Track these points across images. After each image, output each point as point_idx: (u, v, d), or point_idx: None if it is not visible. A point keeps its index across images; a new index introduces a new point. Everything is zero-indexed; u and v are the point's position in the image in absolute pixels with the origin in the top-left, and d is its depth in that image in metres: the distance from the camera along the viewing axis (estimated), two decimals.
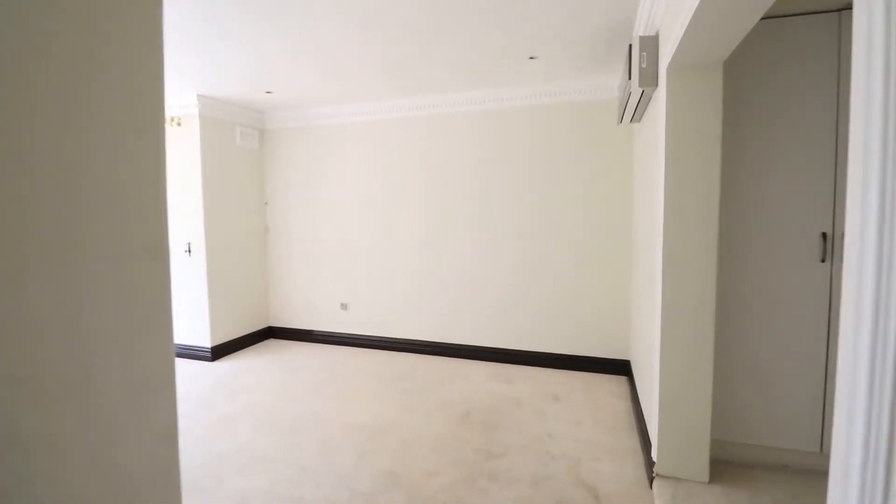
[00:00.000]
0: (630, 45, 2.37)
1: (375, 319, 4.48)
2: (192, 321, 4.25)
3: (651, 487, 2.16)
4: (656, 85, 2.21)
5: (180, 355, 4.31)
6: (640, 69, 2.20)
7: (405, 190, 4.27)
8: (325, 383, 3.60)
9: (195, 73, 3.34)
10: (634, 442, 2.64)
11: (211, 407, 3.17)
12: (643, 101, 2.51)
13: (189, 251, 4.17)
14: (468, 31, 2.62)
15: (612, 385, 3.52)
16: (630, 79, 2.32)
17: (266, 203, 4.85)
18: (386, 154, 4.32)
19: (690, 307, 2.02)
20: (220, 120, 4.23)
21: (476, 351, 4.12)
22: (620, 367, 3.72)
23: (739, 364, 2.21)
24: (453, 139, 4.07)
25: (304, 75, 3.44)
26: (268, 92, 3.86)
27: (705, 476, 2.08)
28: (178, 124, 4.06)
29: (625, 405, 3.15)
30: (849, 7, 2.00)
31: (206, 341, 4.21)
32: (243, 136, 4.51)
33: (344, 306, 4.60)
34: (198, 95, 3.90)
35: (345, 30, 2.59)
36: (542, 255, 3.88)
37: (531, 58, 3.08)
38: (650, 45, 2.19)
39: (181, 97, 3.95)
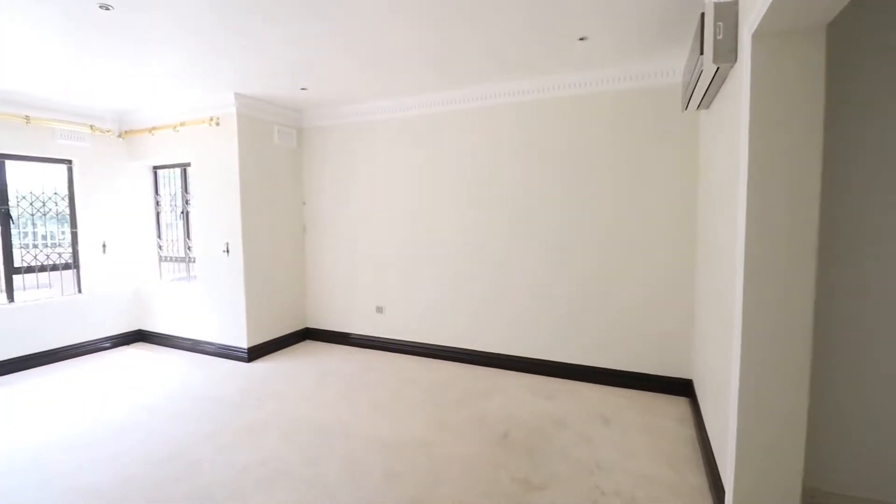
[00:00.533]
0: (701, 15, 2.01)
1: (411, 324, 4.29)
2: (229, 322, 4.25)
3: None
4: (734, 60, 1.84)
5: (218, 355, 4.32)
6: (715, 42, 1.84)
7: (443, 189, 4.05)
8: (356, 390, 3.45)
9: (233, 70, 3.28)
10: (701, 480, 2.27)
11: (240, 412, 3.10)
12: (716, 82, 2.13)
13: (227, 251, 4.17)
14: (517, 7, 2.35)
15: (670, 407, 3.12)
16: (702, 54, 1.96)
17: (303, 203, 4.80)
18: (423, 151, 4.12)
19: (779, 324, 1.65)
20: (257, 119, 4.19)
21: (515, 361, 3.83)
22: (680, 387, 3.31)
23: (843, 396, 1.80)
24: (494, 134, 3.80)
25: (340, 68, 3.29)
26: (303, 89, 3.76)
27: None
28: (217, 124, 4.05)
29: (687, 432, 2.76)
30: None
31: (242, 342, 4.19)
32: (281, 134, 4.47)
33: (379, 310, 4.45)
34: (235, 94, 3.87)
35: (389, 14, 2.40)
36: (589, 258, 3.53)
37: (581, 39, 2.76)
38: (727, 12, 1.83)
39: (219, 96, 3.94)
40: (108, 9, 2.30)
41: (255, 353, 4.24)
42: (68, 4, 2.26)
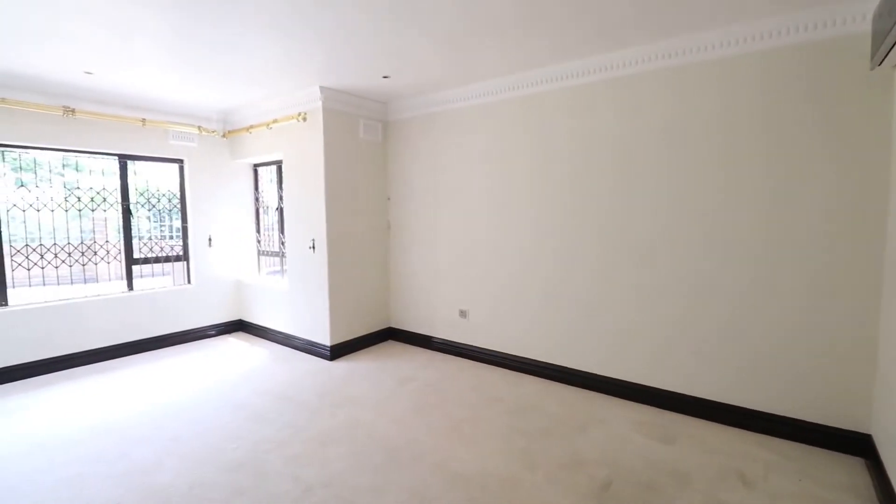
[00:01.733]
0: None
1: (496, 332, 3.88)
2: (313, 318, 4.23)
3: None
4: None
5: (305, 350, 4.34)
6: None
7: (535, 182, 3.56)
8: (433, 403, 3.15)
9: (318, 61, 3.14)
10: None
11: (314, 417, 2.97)
12: None
13: (313, 247, 4.13)
14: None
15: (838, 470, 2.32)
16: None
17: (388, 198, 4.62)
18: (513, 140, 3.66)
19: None
20: (343, 112, 4.08)
21: (617, 385, 3.22)
22: (854, 444, 2.46)
23: None
24: (602, 116, 3.21)
25: (422, 49, 2.98)
26: (385, 77, 3.52)
27: None
28: (304, 119, 4.01)
29: None
30: None
31: (325, 339, 4.14)
32: (367, 128, 4.32)
33: (463, 314, 4.11)
34: (321, 87, 3.78)
35: None
36: (729, 268, 2.80)
37: None
38: None
39: (306, 91, 3.88)
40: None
41: (338, 351, 4.17)
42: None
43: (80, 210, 4.15)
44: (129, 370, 3.91)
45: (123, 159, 4.33)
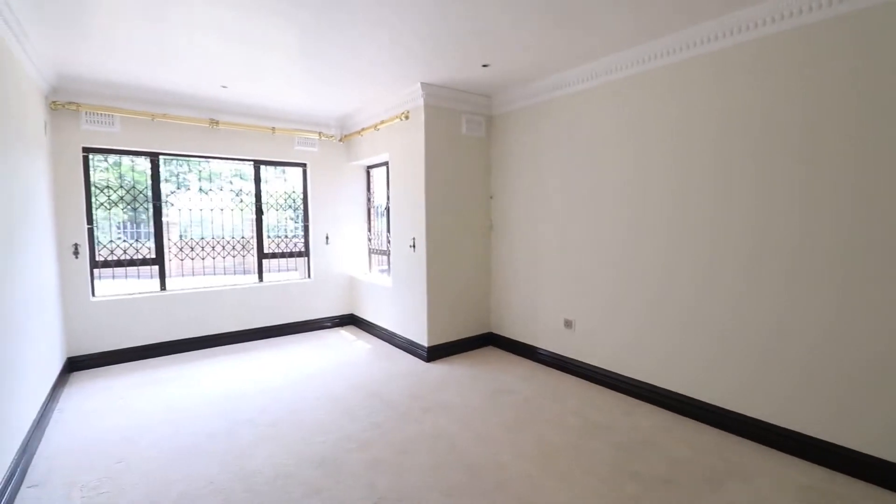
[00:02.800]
0: None
1: (608, 347, 3.36)
2: (413, 318, 4.20)
3: None
4: None
5: (405, 349, 4.33)
6: None
7: (660, 175, 2.97)
8: (527, 423, 2.81)
9: (418, 54, 3.06)
10: None
11: (401, 421, 2.86)
12: None
13: (413, 246, 4.10)
14: None
15: None
16: None
17: (491, 197, 4.39)
18: (631, 126, 3.12)
19: None
20: (445, 109, 3.96)
21: (773, 434, 2.49)
22: None
23: None
24: (750, 89, 2.53)
25: (525, 29, 2.69)
26: (484, 65, 3.29)
27: None
28: (406, 118, 3.99)
29: None
30: None
31: (423, 340, 4.07)
32: (469, 124, 4.14)
33: (568, 324, 3.66)
34: (421, 84, 3.71)
35: None
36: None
37: None
38: None
39: (408, 90, 3.85)
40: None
41: (435, 353, 4.06)
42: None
43: (241, 210, 4.76)
44: (253, 353, 4.33)
45: (257, 164, 4.84)
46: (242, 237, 4.94)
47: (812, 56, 2.28)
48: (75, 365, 3.86)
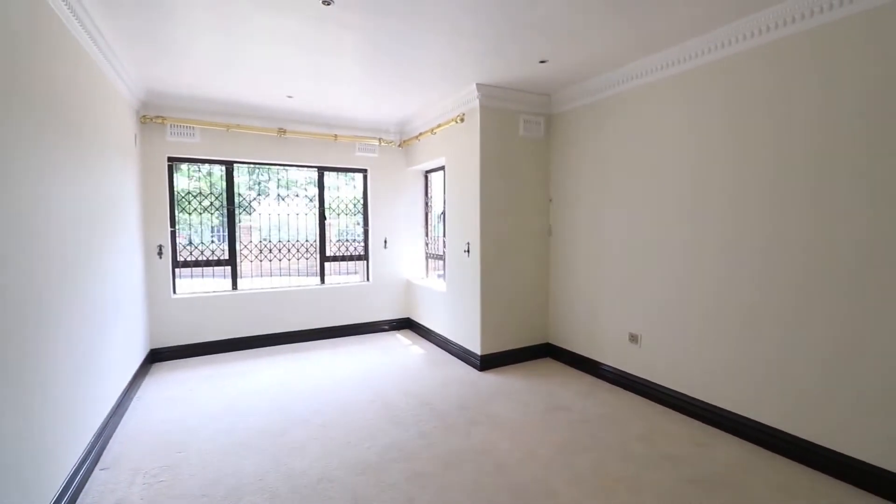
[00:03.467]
0: None
1: (680, 367, 3.01)
2: (467, 325, 4.08)
3: None
4: None
5: (459, 356, 4.23)
6: None
7: (740, 176, 2.61)
8: (586, 447, 2.57)
9: (474, 52, 2.96)
10: None
11: (449, 433, 2.75)
12: None
13: (468, 251, 3.99)
14: None
15: None
16: None
17: (549, 200, 4.16)
18: (708, 121, 2.78)
19: None
20: (501, 110, 3.83)
21: (885, 481, 2.04)
22: None
23: None
24: (850, 77, 2.13)
25: (585, 16, 2.50)
26: (542, 61, 3.12)
27: None
28: (462, 120, 3.91)
29: None
30: None
31: (476, 348, 3.94)
32: (527, 124, 3.97)
33: (634, 339, 3.35)
34: (477, 85, 3.61)
35: None
36: None
37: None
38: None
39: (464, 92, 3.77)
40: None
41: (488, 362, 3.91)
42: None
43: (316, 216, 4.99)
44: (313, 353, 4.46)
45: (321, 170, 5.02)
46: (316, 240, 5.13)
47: None
48: (157, 356, 4.21)
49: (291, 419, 2.97)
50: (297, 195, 5.08)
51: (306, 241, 5.09)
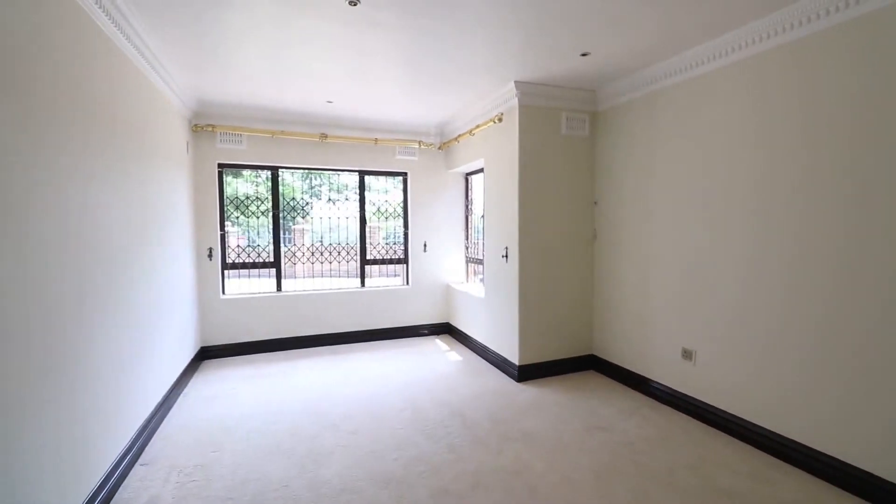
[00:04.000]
0: None
1: (741, 388, 2.69)
2: (504, 333, 3.93)
3: None
4: None
5: (496, 365, 4.08)
6: None
7: (815, 175, 2.27)
8: (628, 474, 2.35)
9: (513, 45, 2.80)
10: None
11: (479, 448, 2.62)
12: None
13: (506, 256, 3.84)
14: None
15: None
16: None
17: (595, 203, 3.91)
18: (776, 112, 2.45)
19: None
20: (542, 108, 3.65)
21: None
22: None
23: None
24: None
25: (628, 6, 2.29)
26: (583, 54, 2.91)
27: None
28: (500, 120, 3.77)
29: None
30: None
31: (514, 357, 3.78)
32: (570, 122, 3.75)
33: (687, 354, 3.04)
34: (515, 83, 3.45)
35: None
36: None
37: None
38: None
39: (502, 90, 3.63)
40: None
41: (526, 373, 3.73)
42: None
43: (357, 218, 5.07)
44: (351, 356, 4.49)
45: (362, 174, 5.06)
46: (361, 244, 5.20)
47: None
48: (207, 353, 4.41)
49: (322, 423, 2.96)
50: (346, 199, 5.15)
51: (351, 243, 5.14)
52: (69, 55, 1.87)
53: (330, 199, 5.17)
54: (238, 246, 4.78)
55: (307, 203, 5.06)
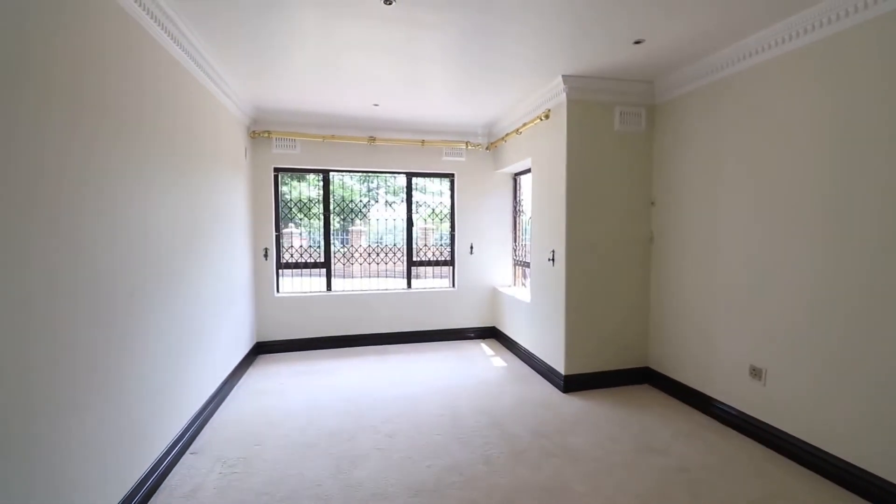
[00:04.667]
0: None
1: (819, 415, 2.34)
2: (550, 340, 3.75)
3: None
4: None
5: (542, 373, 3.91)
6: None
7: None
8: (679, 502, 2.12)
9: (561, 35, 2.65)
10: None
11: (516, 463, 2.50)
12: None
13: (552, 260, 3.66)
14: None
15: None
16: None
17: (652, 203, 3.62)
18: (854, 101, 2.10)
19: None
20: (593, 103, 3.43)
21: None
22: None
23: None
24: None
25: None
26: (637, 41, 2.69)
27: None
28: (546, 117, 3.60)
29: None
30: None
31: (559, 366, 3.59)
32: (624, 117, 3.50)
33: (756, 372, 2.71)
34: (563, 77, 3.28)
35: None
36: None
37: None
38: None
39: (549, 86, 3.47)
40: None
41: (573, 383, 3.53)
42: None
43: (425, 220, 5.14)
44: (396, 357, 4.51)
45: (409, 176, 5.08)
46: (409, 244, 5.24)
47: None
48: (262, 348, 4.63)
49: (361, 424, 2.98)
50: (402, 201, 5.19)
51: (399, 245, 5.19)
52: (141, 78, 2.01)
53: (386, 202, 5.25)
54: (300, 246, 4.98)
55: (365, 205, 5.18)
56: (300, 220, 4.95)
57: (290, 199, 4.88)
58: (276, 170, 4.69)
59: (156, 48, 2.29)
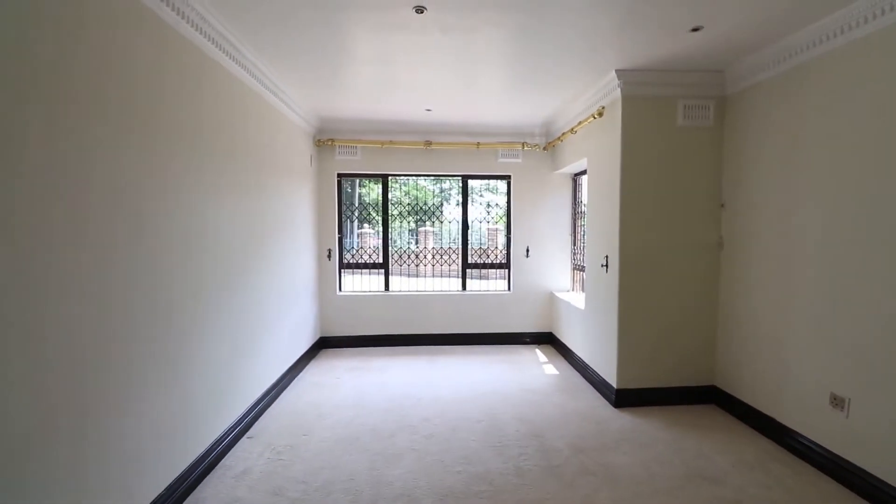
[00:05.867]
0: None
1: None
2: (602, 351, 3.56)
3: None
4: None
5: (595, 386, 3.73)
6: None
7: None
8: None
9: (606, 33, 2.53)
10: None
11: (548, 476, 2.41)
12: None
13: (605, 266, 3.47)
14: None
15: None
16: None
17: (721, 205, 3.28)
18: None
19: None
20: (651, 97, 3.19)
21: None
22: None
23: None
24: None
25: None
26: (694, 29, 2.44)
27: None
28: (600, 115, 3.40)
29: None
30: None
31: (611, 379, 3.39)
32: (689, 111, 3.21)
33: (837, 402, 2.34)
34: (617, 71, 3.08)
35: None
36: None
37: None
38: None
39: (602, 82, 3.28)
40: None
41: (626, 398, 3.32)
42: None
43: (496, 222, 5.22)
44: (447, 358, 4.56)
45: (465, 178, 5.10)
46: (462, 247, 5.30)
47: None
48: (325, 343, 4.94)
49: (401, 424, 3.06)
50: (471, 202, 5.27)
51: (476, 247, 5.25)
52: (213, 101, 2.27)
53: (458, 203, 5.33)
54: (371, 246, 5.26)
55: (438, 206, 5.31)
56: (375, 220, 5.21)
57: (369, 202, 5.16)
58: (340, 175, 4.97)
59: (223, 73, 2.55)
